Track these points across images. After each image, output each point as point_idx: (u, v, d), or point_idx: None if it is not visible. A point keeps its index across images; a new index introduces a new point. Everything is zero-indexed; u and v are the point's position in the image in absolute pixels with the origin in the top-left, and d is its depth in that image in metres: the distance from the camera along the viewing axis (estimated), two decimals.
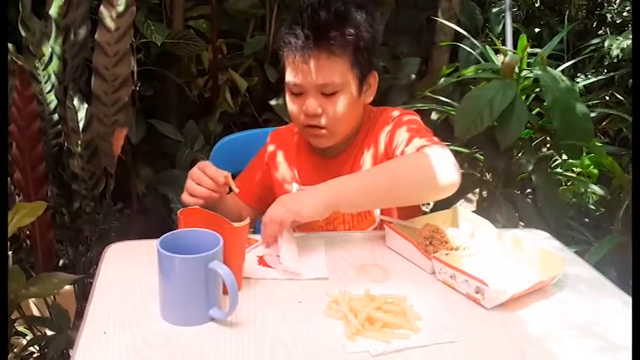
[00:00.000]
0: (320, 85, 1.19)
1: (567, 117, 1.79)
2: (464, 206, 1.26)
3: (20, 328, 1.79)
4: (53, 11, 1.71)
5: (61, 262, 1.99)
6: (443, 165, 1.11)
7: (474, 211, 1.35)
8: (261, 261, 1.07)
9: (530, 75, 1.91)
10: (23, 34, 1.77)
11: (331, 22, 1.17)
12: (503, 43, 2.64)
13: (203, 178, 1.11)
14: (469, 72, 2.17)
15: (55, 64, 1.75)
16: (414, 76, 3.01)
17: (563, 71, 2.02)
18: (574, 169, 2.41)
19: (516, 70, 1.91)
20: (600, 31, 3.46)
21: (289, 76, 1.22)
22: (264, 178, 1.38)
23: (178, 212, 0.96)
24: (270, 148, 1.39)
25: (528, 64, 1.92)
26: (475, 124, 1.79)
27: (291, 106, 1.24)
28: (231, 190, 1.15)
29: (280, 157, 1.37)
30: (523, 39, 1.97)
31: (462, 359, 0.84)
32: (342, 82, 1.20)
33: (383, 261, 1.10)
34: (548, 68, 1.94)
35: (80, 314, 1.79)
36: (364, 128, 1.31)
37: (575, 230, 2.04)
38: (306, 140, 1.34)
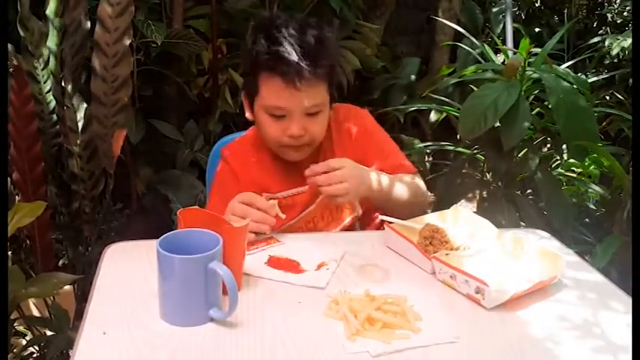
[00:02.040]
0: (306, 107, 1.21)
1: (572, 118, 1.79)
2: (464, 206, 1.26)
3: (20, 329, 1.79)
4: (50, 11, 1.71)
5: (60, 262, 1.99)
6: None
7: (474, 212, 1.35)
8: (272, 261, 1.07)
9: (535, 75, 1.91)
10: (22, 34, 1.77)
11: (317, 48, 1.19)
12: (504, 42, 2.64)
13: (250, 212, 1.10)
14: (471, 71, 2.16)
15: (52, 63, 1.75)
16: (413, 76, 3.01)
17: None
18: (574, 169, 2.41)
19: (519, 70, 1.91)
20: (601, 31, 3.46)
21: (272, 100, 1.21)
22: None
23: (178, 212, 0.96)
24: (235, 163, 1.34)
25: (529, 64, 1.91)
26: (479, 124, 1.79)
27: (271, 128, 1.24)
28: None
29: (246, 170, 1.34)
30: (526, 39, 1.96)
31: (462, 359, 0.84)
32: (324, 102, 1.24)
33: (383, 261, 1.09)
34: (555, 67, 1.94)
35: (80, 314, 1.79)
36: (328, 129, 1.32)
37: (576, 230, 2.04)
38: (268, 151, 1.33)
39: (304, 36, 1.20)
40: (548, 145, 2.31)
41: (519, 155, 2.03)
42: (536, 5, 3.63)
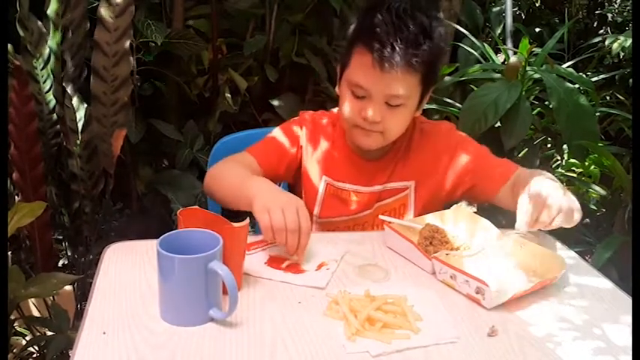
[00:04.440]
0: (388, 95, 1.16)
1: (573, 118, 1.79)
2: (465, 207, 1.26)
3: (19, 329, 1.79)
4: (51, 11, 1.71)
5: (60, 262, 1.99)
6: None
7: (474, 212, 1.34)
8: (272, 261, 1.06)
9: (536, 75, 1.91)
10: (21, 33, 1.76)
11: (419, 37, 1.14)
12: (504, 42, 2.64)
13: (285, 239, 1.00)
14: (473, 71, 2.16)
15: (53, 63, 1.75)
16: None
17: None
18: (574, 169, 2.41)
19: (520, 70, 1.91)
20: (601, 31, 3.46)
21: (358, 77, 1.17)
22: (292, 157, 1.30)
23: (178, 212, 0.96)
24: (309, 130, 1.31)
25: (529, 64, 1.91)
26: (479, 124, 1.79)
27: (349, 105, 1.20)
28: None
29: (317, 143, 1.31)
30: (526, 39, 1.96)
31: (462, 359, 0.84)
32: (409, 96, 1.18)
33: (383, 261, 1.09)
34: (557, 66, 1.94)
35: (80, 314, 1.79)
36: (406, 136, 1.29)
37: (576, 230, 2.04)
38: (344, 135, 1.31)
39: (410, 20, 1.14)
40: (549, 145, 2.31)
41: (520, 155, 2.03)
42: (537, 5, 3.64)
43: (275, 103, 2.51)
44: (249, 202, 1.04)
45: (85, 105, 1.77)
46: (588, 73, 2.84)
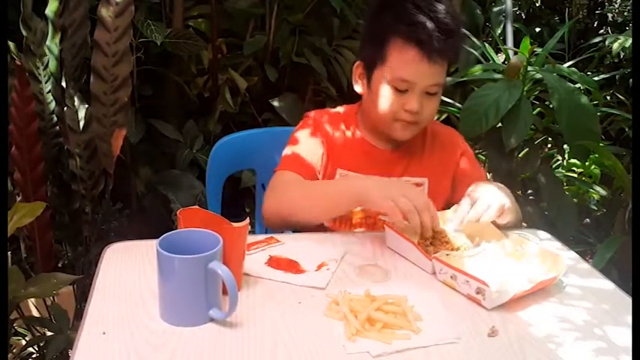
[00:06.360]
0: (429, 85, 1.20)
1: (575, 118, 1.79)
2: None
3: (19, 329, 1.78)
4: (50, 11, 1.71)
5: (60, 262, 1.99)
6: None
7: None
8: (272, 261, 1.06)
9: (537, 75, 1.91)
10: (24, 33, 1.77)
11: (450, 24, 1.18)
12: (504, 42, 2.64)
13: (414, 220, 1.06)
14: (474, 71, 2.16)
15: (52, 64, 1.75)
16: None
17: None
18: (575, 169, 2.41)
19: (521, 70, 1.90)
20: (601, 31, 3.46)
21: (404, 72, 1.19)
22: (319, 158, 1.32)
23: (178, 212, 0.96)
24: (322, 127, 1.34)
25: (530, 64, 1.91)
26: (480, 124, 1.79)
27: (391, 100, 1.22)
28: None
29: (332, 138, 1.34)
30: (527, 39, 1.96)
31: None
32: (442, 83, 1.23)
33: (383, 261, 1.09)
34: (558, 66, 1.94)
35: (79, 315, 1.78)
36: (420, 133, 1.33)
37: (577, 231, 2.04)
38: (356, 127, 1.33)
39: (440, 8, 1.18)
40: (549, 145, 2.31)
41: (520, 155, 2.03)
42: (537, 5, 3.64)
43: (275, 103, 2.51)
44: (359, 199, 1.13)
45: (85, 105, 1.77)
46: (589, 73, 2.84)
